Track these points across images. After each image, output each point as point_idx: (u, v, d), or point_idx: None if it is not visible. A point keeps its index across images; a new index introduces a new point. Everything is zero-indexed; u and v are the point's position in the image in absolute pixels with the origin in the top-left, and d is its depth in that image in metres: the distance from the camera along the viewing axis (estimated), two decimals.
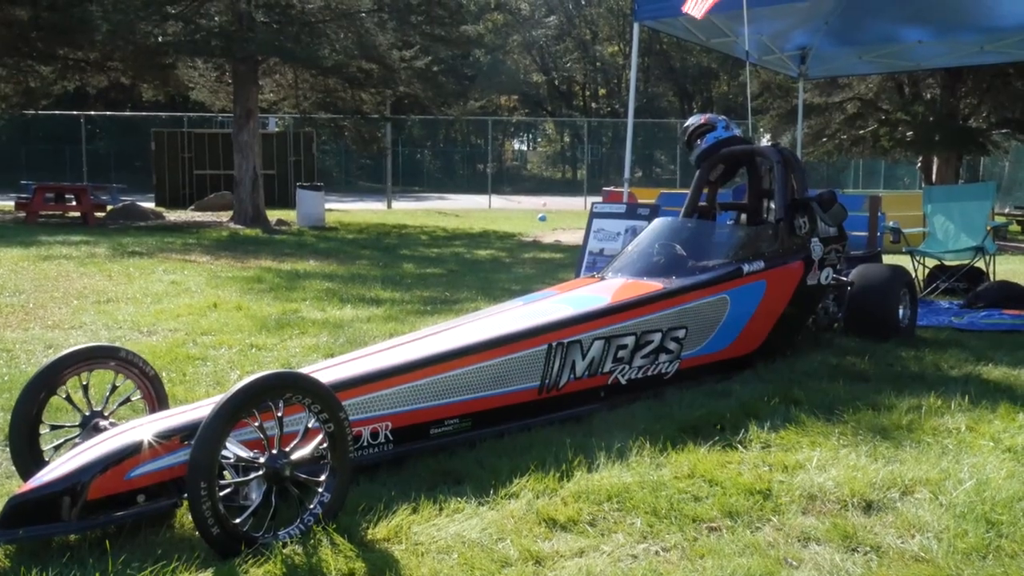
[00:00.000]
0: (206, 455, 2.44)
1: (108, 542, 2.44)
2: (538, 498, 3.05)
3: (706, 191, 5.96)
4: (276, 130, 27.98)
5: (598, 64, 52.48)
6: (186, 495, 2.47)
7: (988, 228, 8.27)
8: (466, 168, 45.17)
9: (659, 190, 22.04)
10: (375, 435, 3.29)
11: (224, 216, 20.03)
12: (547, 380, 3.92)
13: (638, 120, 20.09)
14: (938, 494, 3.11)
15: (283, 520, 2.65)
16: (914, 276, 8.57)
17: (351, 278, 9.67)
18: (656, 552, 2.67)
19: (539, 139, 55.93)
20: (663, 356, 4.48)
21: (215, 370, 5.03)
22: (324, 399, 2.73)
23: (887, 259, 7.72)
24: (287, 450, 2.66)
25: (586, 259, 8.03)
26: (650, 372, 4.43)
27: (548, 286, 5.20)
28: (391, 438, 3.34)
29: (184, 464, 2.54)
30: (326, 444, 2.74)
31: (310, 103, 20.53)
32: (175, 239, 13.91)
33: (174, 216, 21.15)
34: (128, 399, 3.26)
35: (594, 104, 53.54)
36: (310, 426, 2.72)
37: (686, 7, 7.74)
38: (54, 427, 3.10)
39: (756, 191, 5.89)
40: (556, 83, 53.72)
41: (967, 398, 4.40)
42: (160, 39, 16.83)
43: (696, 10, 7.68)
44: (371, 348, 3.70)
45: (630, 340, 4.27)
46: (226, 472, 2.61)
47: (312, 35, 17.46)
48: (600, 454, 3.41)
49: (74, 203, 17.97)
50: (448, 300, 8.15)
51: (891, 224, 8.92)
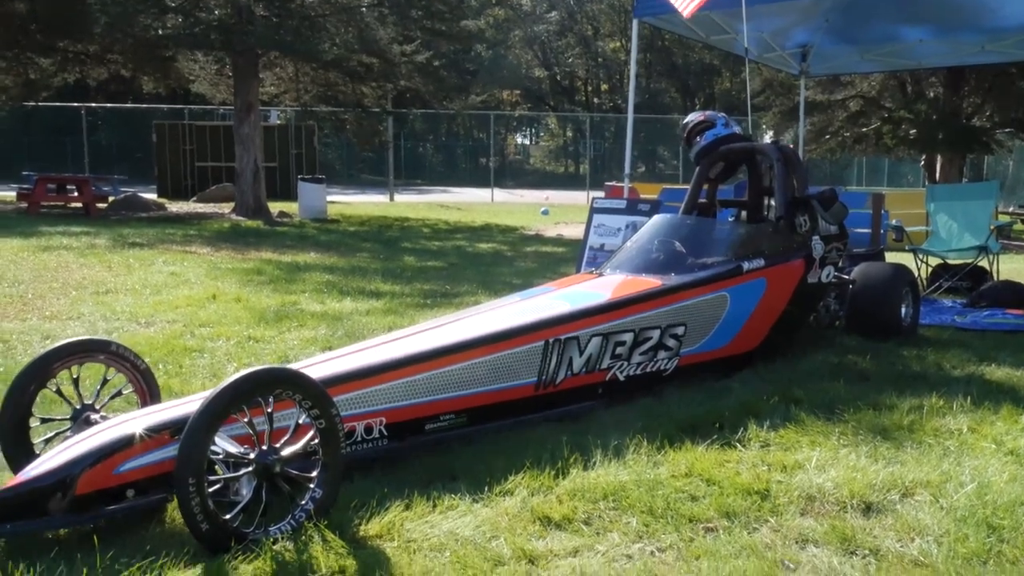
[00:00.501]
0: (194, 451, 2.40)
1: (96, 537, 2.41)
2: (533, 496, 3.02)
3: (706, 188, 5.91)
4: (278, 123, 27.94)
5: (600, 60, 52.35)
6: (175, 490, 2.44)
7: (992, 227, 8.22)
8: (468, 162, 45.10)
9: (661, 185, 22.02)
10: (369, 430, 3.26)
11: (226, 208, 19.99)
12: (544, 376, 3.88)
13: (639, 116, 20.02)
14: (939, 497, 3.07)
15: (275, 516, 2.62)
16: (917, 275, 8.54)
17: (351, 271, 9.64)
18: (651, 552, 2.63)
19: (541, 133, 55.90)
20: (662, 353, 4.44)
21: (212, 362, 4.99)
22: (315, 395, 2.69)
23: (890, 257, 7.67)
24: (277, 446, 2.62)
25: (586, 254, 7.99)
26: (649, 369, 4.39)
27: (547, 281, 5.16)
28: (385, 433, 3.31)
29: (174, 459, 2.51)
30: (317, 440, 2.70)
31: (311, 96, 20.49)
32: (176, 230, 13.88)
33: (176, 207, 21.12)
34: (119, 392, 3.22)
35: (596, 99, 53.42)
36: (301, 422, 2.69)
37: (676, 3, 7.65)
38: (45, 420, 3.06)
39: (756, 188, 5.84)
40: (558, 78, 53.61)
41: (969, 399, 4.36)
42: (159, 32, 16.78)
43: (686, 9, 7.59)
44: (367, 343, 3.67)
45: (628, 337, 4.24)
46: (216, 467, 2.58)
47: (312, 29, 17.42)
48: (596, 452, 3.37)
49: (76, 194, 17.93)
50: (448, 293, 8.11)
51: (894, 222, 8.87)
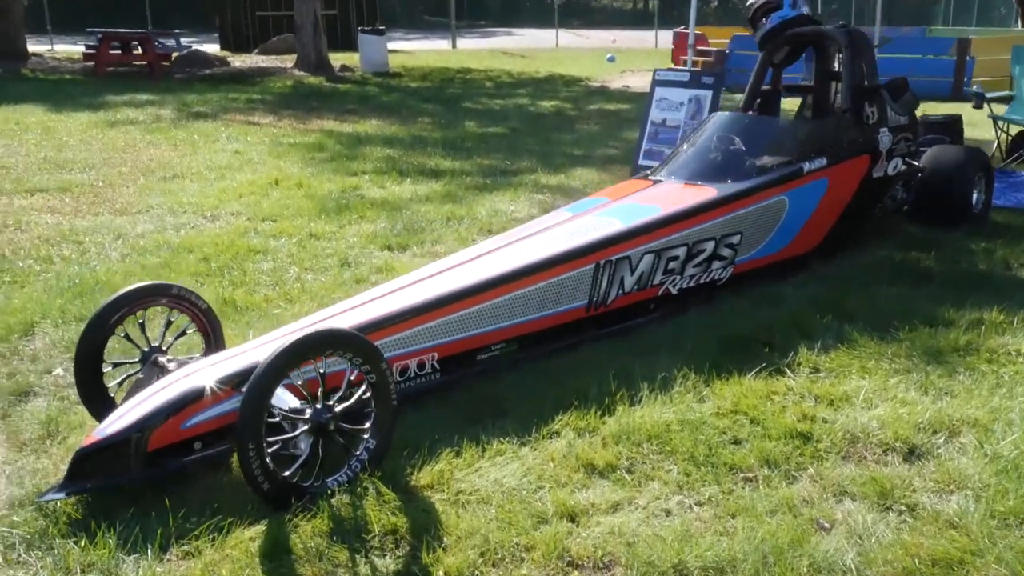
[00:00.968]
0: (251, 419, 2.53)
1: (168, 500, 2.60)
2: (579, 437, 3.12)
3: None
4: None
5: None
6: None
7: None
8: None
9: (734, 30, 21.06)
10: (421, 366, 3.37)
11: (288, 61, 19.87)
12: (595, 298, 3.91)
13: None
14: (984, 441, 3.08)
15: (331, 467, 2.77)
16: (996, 144, 8.18)
17: (412, 143, 9.62)
18: (690, 506, 2.73)
19: None
20: (716, 263, 4.42)
21: (274, 267, 5.13)
22: (365, 352, 2.78)
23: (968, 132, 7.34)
24: (331, 403, 2.74)
25: (648, 128, 7.82)
26: (702, 280, 4.38)
27: (597, 190, 5.08)
28: (438, 367, 3.41)
29: (235, 412, 2.65)
30: (369, 394, 2.82)
31: None
32: (239, 94, 13.90)
33: (239, 61, 21.06)
34: (184, 332, 3.37)
35: None
36: (352, 378, 2.79)
37: None
38: (116, 364, 3.23)
39: (824, 73, 5.59)
40: None
41: None
42: None
43: None
44: (416, 275, 3.71)
45: (682, 251, 4.21)
46: (275, 421, 2.70)
47: None
48: (643, 385, 3.43)
49: (140, 52, 17.96)
50: (507, 171, 8.08)
51: (975, 88, 8.41)
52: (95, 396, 3.08)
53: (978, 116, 8.58)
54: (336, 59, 20.16)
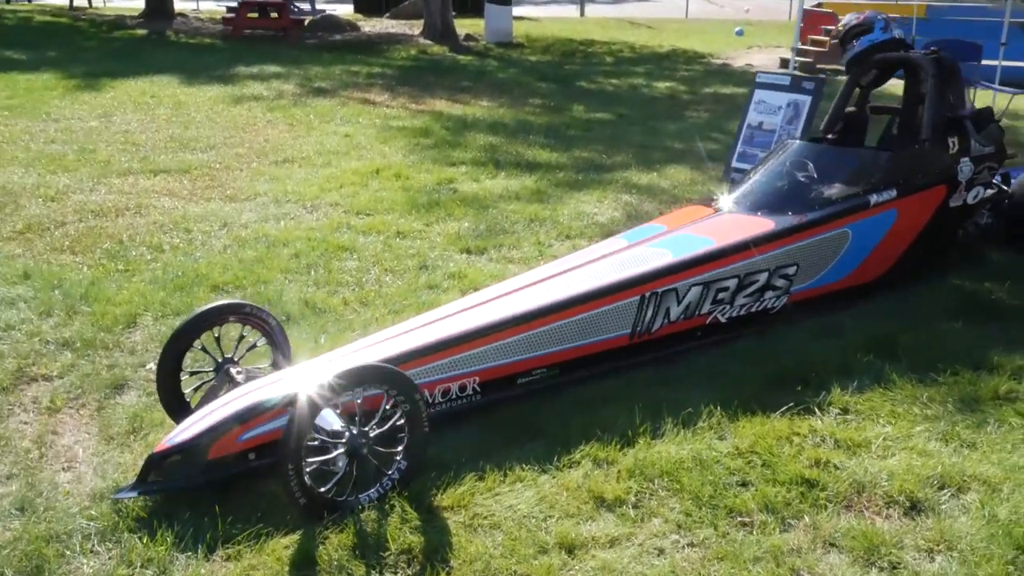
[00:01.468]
0: (293, 444, 2.90)
1: (218, 506, 3.00)
2: (597, 467, 3.37)
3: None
4: None
5: None
6: None
7: None
8: None
9: (868, 2, 20.21)
10: (463, 388, 3.67)
11: (416, 27, 20.34)
12: (639, 327, 4.12)
13: None
14: (988, 501, 3.17)
15: (365, 483, 3.12)
16: None
17: (516, 129, 9.87)
18: (683, 547, 2.95)
19: None
20: (769, 293, 4.54)
21: (358, 266, 5.52)
22: (400, 384, 3.11)
23: None
24: (366, 429, 3.09)
25: (743, 132, 7.85)
26: (753, 309, 4.51)
27: (659, 216, 5.22)
28: (478, 390, 3.71)
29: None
30: (403, 421, 3.15)
31: None
32: (361, 67, 14.43)
33: (369, 26, 21.70)
34: (254, 345, 3.78)
35: None
36: (388, 407, 3.13)
37: None
38: (193, 373, 3.67)
39: (913, 96, 5.54)
40: None
41: None
42: None
43: None
44: (463, 303, 4.01)
45: (732, 283, 4.36)
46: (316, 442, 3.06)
47: None
48: (668, 419, 3.64)
49: (275, 16, 18.78)
50: (602, 166, 8.25)
51: None
52: (173, 400, 3.53)
53: None
54: (463, 26, 20.53)
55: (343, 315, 4.78)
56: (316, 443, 3.02)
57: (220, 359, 3.64)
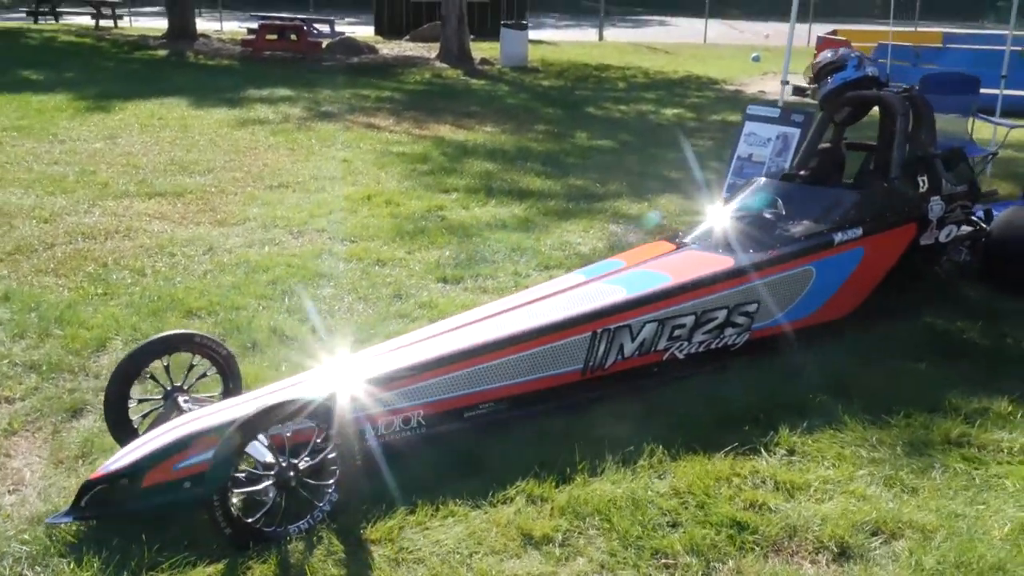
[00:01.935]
0: (215, 479, 2.96)
1: (144, 535, 3.05)
2: (531, 504, 3.39)
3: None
4: None
5: None
6: None
7: None
8: None
9: (882, 29, 20.16)
10: (407, 421, 3.71)
11: (434, 50, 20.56)
12: (591, 364, 4.14)
13: None
14: (917, 549, 3.15)
15: (296, 514, 3.16)
16: None
17: (515, 155, 9.94)
18: None
19: None
20: (730, 330, 4.54)
21: (333, 294, 5.58)
22: (331, 420, 3.16)
23: None
24: (296, 461, 3.13)
25: (734, 163, 7.88)
26: (713, 346, 4.52)
27: (617, 252, 5.23)
28: (423, 423, 3.75)
29: None
30: (335, 454, 3.20)
31: None
32: (372, 91, 14.59)
33: (388, 48, 21.95)
34: (204, 374, 3.84)
35: None
36: (319, 440, 3.18)
37: None
38: (141, 400, 3.74)
39: (887, 134, 5.53)
40: None
41: None
42: None
43: None
44: (412, 337, 4.05)
45: (689, 320, 4.37)
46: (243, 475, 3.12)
47: None
48: (608, 457, 3.66)
49: (294, 39, 19.08)
50: (594, 195, 8.29)
51: None
52: (121, 428, 3.59)
53: None
54: (481, 50, 20.75)
55: (308, 344, 4.83)
56: (243, 475, 3.07)
57: (169, 387, 3.71)
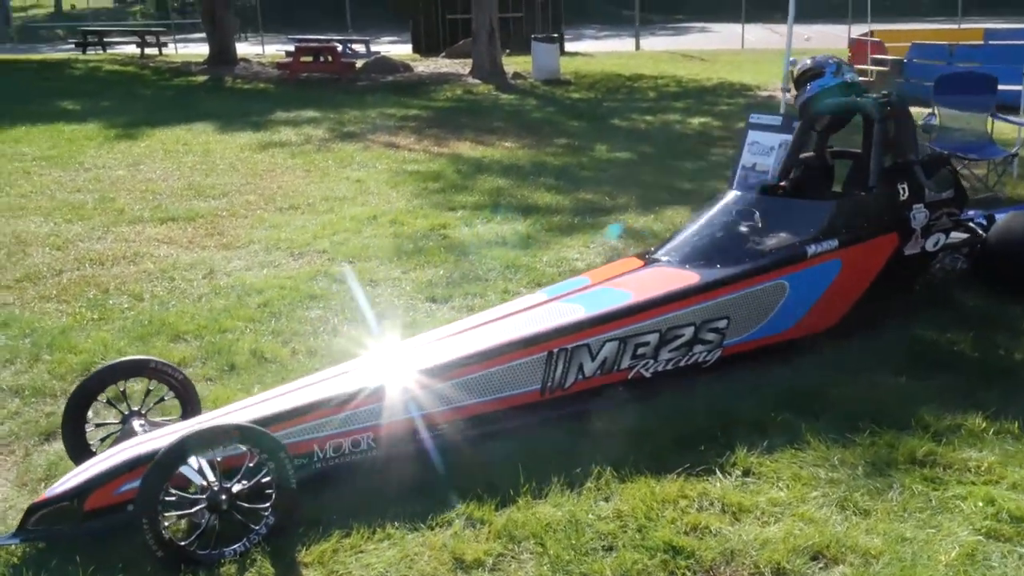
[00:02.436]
0: (147, 500, 3.03)
1: (79, 556, 3.14)
2: (469, 527, 3.39)
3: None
4: None
5: None
6: None
7: None
8: None
9: (918, 28, 19.77)
10: (356, 444, 3.74)
11: (468, 66, 20.69)
12: (550, 384, 4.13)
13: None
14: (857, 575, 3.09)
15: (232, 536, 3.22)
16: None
17: (530, 171, 9.95)
18: None
19: None
20: (699, 347, 4.49)
21: (321, 315, 5.64)
22: (262, 442, 3.22)
23: None
24: (228, 485, 3.19)
25: (738, 174, 7.75)
26: (682, 363, 4.48)
27: (587, 270, 5.20)
28: (373, 445, 3.78)
29: None
30: (269, 478, 3.25)
31: None
32: (398, 109, 14.75)
33: (423, 66, 22.15)
34: (162, 399, 3.94)
35: None
36: (251, 465, 3.23)
37: None
38: (99, 425, 3.85)
39: (869, 141, 5.43)
40: None
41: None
42: None
43: None
44: (366, 358, 4.10)
45: (652, 338, 4.33)
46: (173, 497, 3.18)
47: None
48: (555, 478, 3.64)
49: (328, 60, 19.40)
50: (602, 209, 8.27)
51: None
52: (79, 452, 3.70)
53: None
54: (516, 64, 20.84)
55: (287, 365, 4.90)
56: (174, 498, 3.14)
57: (127, 412, 3.80)
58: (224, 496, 3.18)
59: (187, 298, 5.98)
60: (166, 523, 3.10)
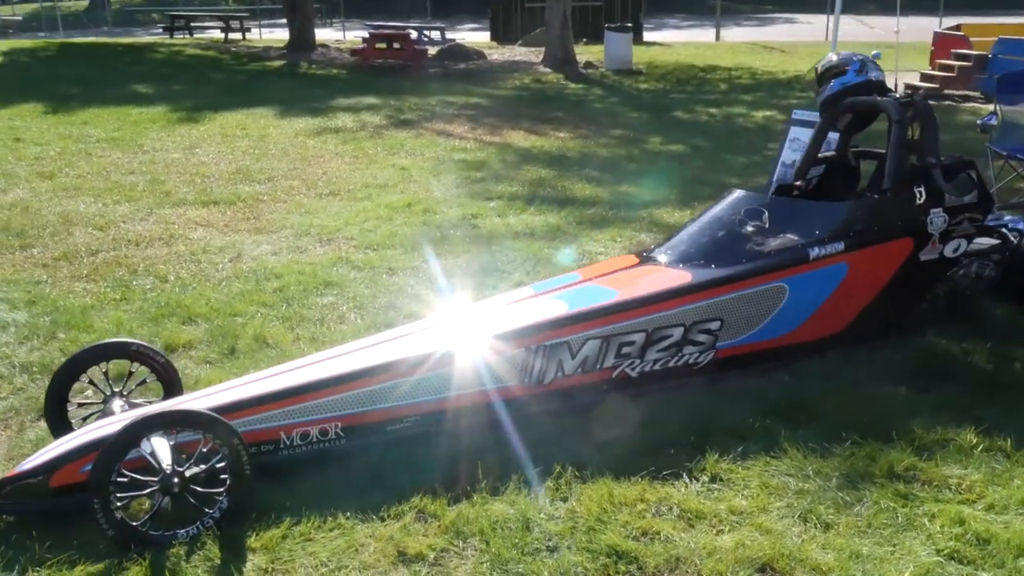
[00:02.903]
0: (99, 480, 3.14)
1: (35, 532, 3.26)
2: (419, 521, 3.41)
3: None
4: None
5: None
6: None
7: None
8: None
9: (1005, 22, 18.89)
10: (324, 432, 3.79)
11: (542, 54, 20.62)
12: (527, 380, 4.11)
13: None
14: None
15: (186, 519, 3.30)
16: None
17: (576, 162, 9.90)
18: None
19: None
20: (690, 348, 4.41)
21: (333, 302, 5.73)
22: (215, 429, 3.29)
23: None
24: (181, 469, 3.27)
25: (778, 170, 7.56)
26: (671, 364, 4.39)
27: (579, 266, 5.15)
28: (341, 435, 3.82)
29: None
30: (223, 463, 3.32)
31: None
32: (459, 97, 14.80)
33: (497, 54, 22.17)
34: (144, 381, 4.06)
35: None
36: (205, 450, 3.31)
37: None
38: (81, 404, 3.99)
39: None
40: None
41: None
42: None
43: None
44: (343, 348, 4.14)
45: (638, 337, 4.27)
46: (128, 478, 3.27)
47: None
48: (514, 476, 3.63)
49: (400, 48, 19.59)
50: (638, 202, 8.17)
51: None
52: (61, 431, 3.84)
53: None
54: (591, 53, 20.71)
55: (287, 351, 4.98)
56: (126, 479, 3.23)
57: (109, 392, 3.94)
58: (176, 479, 3.26)
59: (209, 281, 6.14)
60: (119, 503, 3.20)
